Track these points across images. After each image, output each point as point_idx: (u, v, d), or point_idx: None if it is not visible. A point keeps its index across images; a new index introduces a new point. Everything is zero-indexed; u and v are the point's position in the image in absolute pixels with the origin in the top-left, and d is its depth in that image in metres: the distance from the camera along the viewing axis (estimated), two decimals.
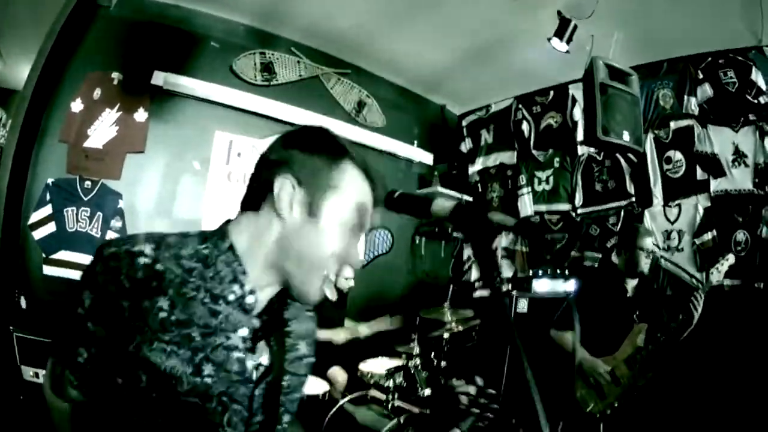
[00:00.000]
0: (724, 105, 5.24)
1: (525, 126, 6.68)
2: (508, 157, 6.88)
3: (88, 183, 4.56)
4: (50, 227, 4.38)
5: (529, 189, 6.63)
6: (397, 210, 1.37)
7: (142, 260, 1.18)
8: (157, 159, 4.88)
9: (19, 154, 4.17)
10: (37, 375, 3.48)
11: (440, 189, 6.49)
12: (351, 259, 1.32)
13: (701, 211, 5.25)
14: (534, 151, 6.62)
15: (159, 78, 4.81)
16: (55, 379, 1.29)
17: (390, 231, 6.45)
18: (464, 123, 7.34)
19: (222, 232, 1.32)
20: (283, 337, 1.42)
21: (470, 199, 6.96)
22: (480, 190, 7.02)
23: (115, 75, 4.71)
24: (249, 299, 1.27)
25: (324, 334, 4.68)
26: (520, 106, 6.81)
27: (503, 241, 6.82)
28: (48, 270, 4.39)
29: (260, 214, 1.29)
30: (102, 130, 4.62)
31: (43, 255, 4.40)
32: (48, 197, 4.41)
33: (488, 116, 7.11)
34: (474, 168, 7.09)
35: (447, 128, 7.24)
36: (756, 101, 5.02)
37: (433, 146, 6.86)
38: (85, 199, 4.54)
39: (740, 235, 4.99)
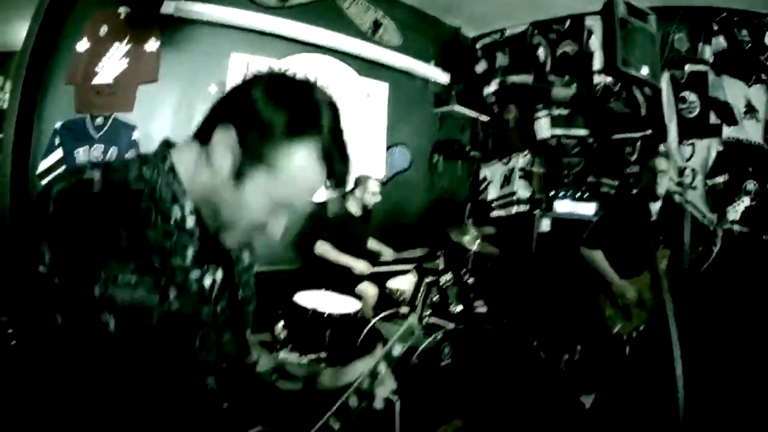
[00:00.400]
0: (738, 59, 5.36)
1: (541, 51, 6.65)
2: (524, 80, 6.78)
3: (99, 120, 4.50)
4: (61, 172, 4.18)
5: (546, 112, 6.58)
6: (517, 96, 1.33)
7: (98, 184, 1.15)
8: (171, 87, 4.79)
9: (23, 107, 4.10)
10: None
11: (457, 107, 6.55)
12: (269, 233, 1.29)
13: (714, 153, 5.41)
14: (550, 77, 6.55)
15: (170, 6, 4.69)
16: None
17: (409, 148, 6.51)
18: (479, 45, 7.28)
19: (162, 154, 1.30)
20: (227, 254, 1.44)
21: (487, 118, 7.03)
22: (496, 110, 7.02)
23: (122, 9, 4.60)
24: (189, 221, 1.26)
25: (344, 260, 4.79)
26: (536, 32, 6.78)
27: (520, 161, 6.90)
28: None
29: (202, 149, 1.26)
30: (111, 65, 4.54)
31: None
32: (57, 141, 4.33)
33: (503, 40, 7.07)
34: (489, 89, 7.06)
35: (462, 50, 7.20)
36: None
37: (448, 67, 6.84)
38: (97, 136, 4.50)
39: (750, 185, 5.16)
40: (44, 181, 4.11)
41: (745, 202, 4.31)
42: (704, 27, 5.55)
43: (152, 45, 4.65)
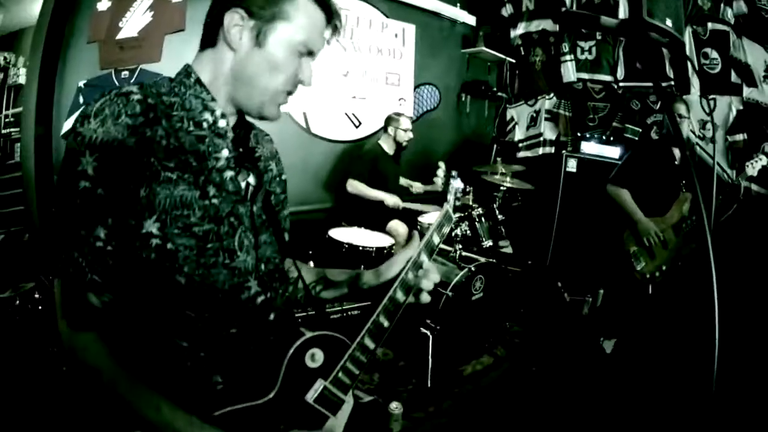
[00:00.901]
0: (758, 24, 5.41)
1: None
2: (551, 24, 6.89)
3: (125, 73, 4.42)
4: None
5: (572, 57, 6.70)
6: (568, 23, 1.49)
7: (135, 97, 1.26)
8: (199, 34, 4.62)
9: (44, 71, 4.05)
10: None
11: (485, 48, 6.60)
12: (303, 79, 1.45)
13: (734, 111, 5.53)
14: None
15: None
16: (71, 301, 1.26)
17: (438, 87, 6.55)
18: None
19: (186, 70, 1.44)
20: (256, 161, 1.59)
21: (513, 61, 7.09)
22: (522, 53, 7.06)
23: None
24: (221, 123, 1.41)
25: (376, 195, 4.89)
26: None
27: (546, 104, 7.01)
28: None
29: (216, 48, 1.42)
30: (135, 19, 4.46)
31: None
32: (81, 100, 4.23)
33: None
34: (516, 32, 7.11)
35: None
36: None
37: (475, 9, 6.85)
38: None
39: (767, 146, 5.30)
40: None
41: (763, 160, 4.36)
42: None
43: None
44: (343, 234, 4.47)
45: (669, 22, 4.18)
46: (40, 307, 3.28)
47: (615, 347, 4.54)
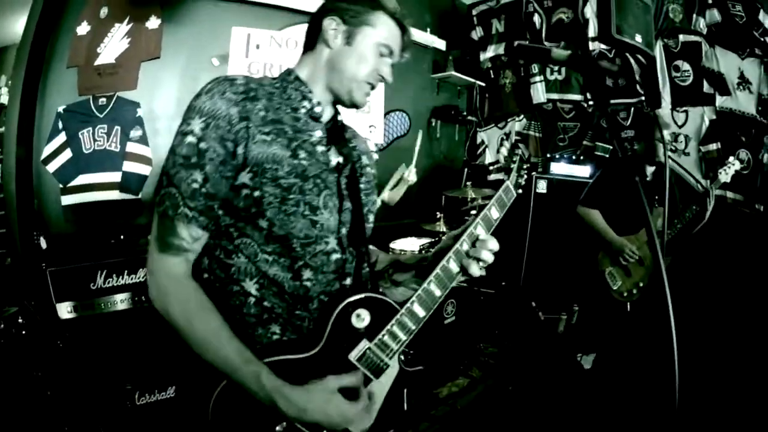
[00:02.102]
0: (731, 32, 5.54)
1: (536, 18, 6.79)
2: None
3: (102, 100, 4.52)
4: (66, 155, 4.37)
5: (542, 78, 6.81)
6: (519, 57, 1.63)
7: (239, 81, 1.58)
8: (173, 62, 4.85)
9: (26, 95, 4.16)
10: (75, 309, 3.45)
11: (454, 73, 6.71)
12: (383, 74, 1.75)
13: (707, 121, 5.66)
14: (546, 43, 6.71)
15: None
16: (163, 228, 1.51)
17: (407, 114, 6.63)
18: (474, 12, 7.40)
19: (287, 71, 1.77)
20: (349, 148, 1.83)
21: (483, 84, 7.21)
22: (492, 76, 7.18)
23: None
24: (317, 109, 1.72)
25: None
26: None
27: (516, 125, 7.15)
28: (67, 200, 4.40)
29: (315, 49, 1.76)
30: (113, 45, 4.58)
31: (60, 186, 4.36)
32: (61, 125, 4.36)
33: (499, 7, 7.22)
34: (486, 55, 7.25)
35: (458, 16, 7.37)
36: (762, 39, 5.36)
37: (445, 34, 6.96)
38: (101, 116, 4.52)
39: (743, 154, 5.37)
40: (49, 167, 4.30)
41: (736, 165, 4.40)
42: None
43: (154, 22, 4.70)
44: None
45: (639, 38, 4.23)
46: (23, 332, 3.36)
47: (594, 363, 4.61)
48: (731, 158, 4.45)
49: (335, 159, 1.74)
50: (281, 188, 1.53)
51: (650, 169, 4.43)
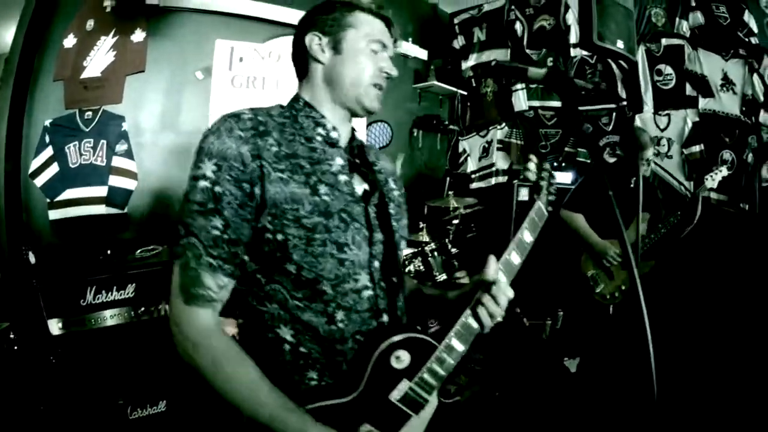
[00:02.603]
0: (715, 34, 5.61)
1: (518, 26, 6.90)
2: (502, 54, 7.07)
3: (88, 114, 4.55)
4: (53, 169, 4.38)
5: (523, 85, 6.86)
6: (497, 76, 1.69)
7: (246, 116, 1.55)
8: (158, 76, 4.93)
9: (14, 107, 4.22)
10: (66, 324, 3.45)
11: (436, 83, 6.77)
12: (385, 68, 1.72)
13: (690, 124, 5.70)
14: (527, 51, 6.84)
15: None
16: (187, 279, 1.43)
17: (389, 124, 6.66)
18: (456, 21, 7.52)
19: (295, 97, 1.75)
20: (375, 173, 1.80)
21: (465, 93, 7.27)
22: (474, 84, 7.24)
23: (108, 2, 4.70)
24: (333, 134, 1.68)
25: None
26: (513, 7, 6.99)
27: (498, 134, 7.14)
28: (54, 214, 4.40)
29: (308, 72, 1.74)
30: (99, 58, 4.62)
31: (48, 200, 4.37)
32: (48, 139, 4.38)
33: (481, 15, 7.31)
34: (467, 64, 7.31)
35: (440, 26, 7.45)
36: (747, 40, 5.43)
37: (427, 43, 7.02)
38: (87, 130, 4.55)
39: (726, 155, 5.47)
40: (36, 181, 4.33)
41: (723, 171, 4.43)
42: (682, 2, 5.78)
43: (139, 36, 4.76)
44: None
45: (620, 44, 4.25)
46: (15, 348, 3.39)
47: (579, 366, 4.68)
48: (720, 167, 4.50)
49: (360, 187, 1.69)
50: (305, 229, 1.49)
51: (632, 180, 4.48)
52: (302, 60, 1.76)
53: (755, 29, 5.47)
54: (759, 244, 5.11)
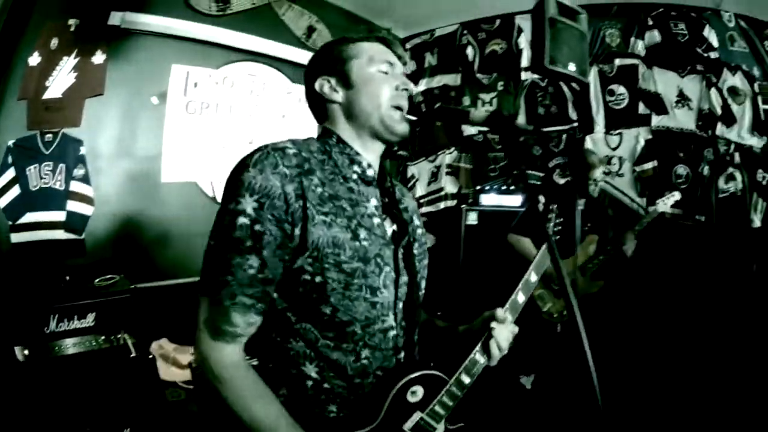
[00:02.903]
0: (672, 52, 5.79)
1: (469, 50, 7.03)
2: (452, 79, 7.23)
3: (49, 136, 4.52)
4: (14, 191, 4.33)
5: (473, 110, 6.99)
6: (439, 119, 1.79)
7: (290, 151, 1.54)
8: (116, 99, 4.91)
9: None
10: (31, 352, 3.43)
11: None
12: (403, 86, 1.75)
13: (642, 141, 5.90)
14: (478, 75, 6.97)
15: (116, 18, 4.80)
16: (216, 316, 1.46)
17: None
18: (408, 46, 7.58)
19: (325, 131, 1.77)
20: (402, 211, 1.84)
21: (414, 118, 7.34)
22: (424, 109, 7.26)
23: (72, 21, 4.63)
24: (369, 172, 1.72)
25: None
26: (465, 31, 7.13)
27: (447, 158, 7.24)
28: (16, 237, 4.36)
29: (328, 114, 1.77)
30: (61, 79, 4.57)
31: (9, 223, 4.33)
32: (10, 160, 4.33)
33: (433, 40, 7.43)
34: (418, 89, 7.32)
35: None
36: (706, 55, 5.60)
37: None
38: (47, 152, 4.53)
39: (681, 169, 5.66)
40: None
41: (676, 196, 4.67)
42: (638, 22, 5.97)
43: (99, 58, 4.75)
44: None
45: (572, 67, 4.41)
46: None
47: (535, 382, 4.79)
48: (673, 192, 4.73)
49: (390, 229, 1.73)
50: (345, 273, 1.52)
51: (581, 200, 4.64)
52: (320, 106, 1.80)
53: (716, 44, 5.67)
54: (718, 254, 5.31)
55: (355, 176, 1.69)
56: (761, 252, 5.24)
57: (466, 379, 1.74)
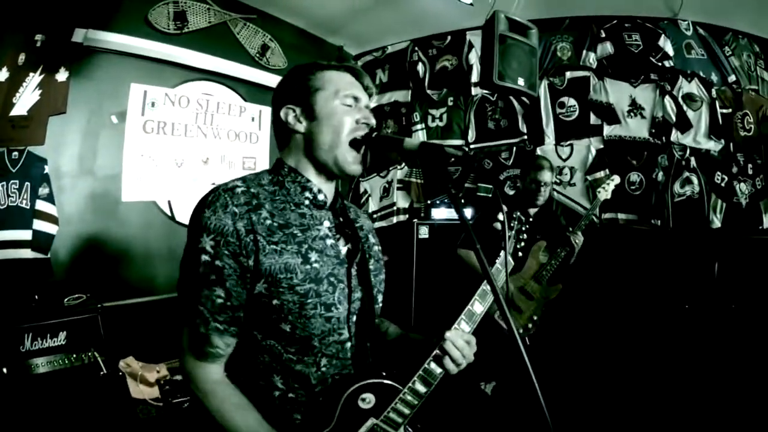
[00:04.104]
0: (624, 63, 6.08)
1: (420, 67, 7.28)
2: (403, 95, 7.50)
3: (15, 153, 4.60)
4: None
5: (423, 125, 7.27)
6: (376, 148, 1.88)
7: (239, 189, 1.70)
8: (78, 118, 5.03)
9: None
10: (8, 370, 3.59)
11: None
12: (363, 120, 1.85)
13: (593, 151, 6.17)
14: (428, 91, 7.20)
15: (79, 35, 4.92)
16: (197, 341, 1.68)
17: None
18: (360, 63, 7.78)
19: (278, 162, 1.90)
20: (356, 230, 1.96)
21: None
22: (375, 125, 7.47)
23: (39, 37, 4.74)
24: (320, 197, 1.85)
25: None
26: (417, 48, 7.36)
27: (398, 173, 7.45)
28: None
29: (290, 142, 1.89)
30: (26, 96, 4.65)
31: None
32: None
33: (384, 57, 7.68)
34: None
35: None
36: (660, 64, 5.89)
37: None
38: (14, 170, 4.59)
39: (634, 176, 5.95)
40: None
41: (615, 180, 4.88)
42: (590, 34, 6.22)
43: (62, 75, 4.86)
44: None
45: (521, 81, 4.73)
46: None
47: (494, 389, 4.91)
48: (611, 176, 4.93)
49: (344, 248, 1.87)
50: (298, 295, 1.67)
51: (532, 210, 4.80)
52: (283, 134, 1.92)
53: (671, 53, 5.97)
54: (674, 257, 5.58)
55: (307, 201, 1.83)
56: (722, 251, 5.47)
57: (422, 388, 1.83)
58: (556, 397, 4.21)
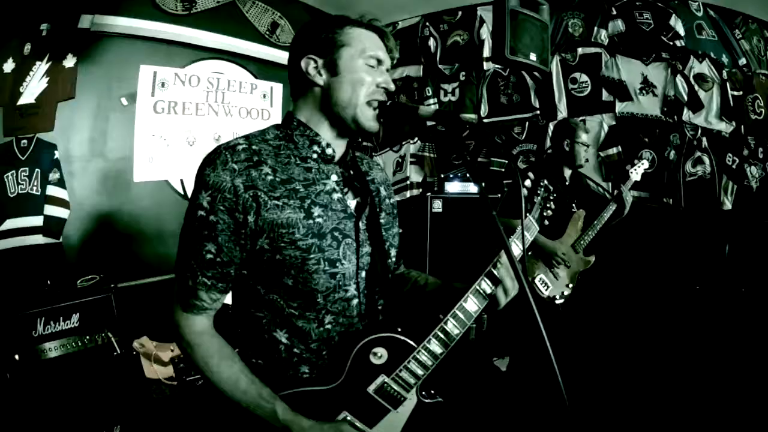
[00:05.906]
0: (636, 41, 6.09)
1: (431, 42, 7.36)
2: (414, 70, 7.55)
3: (24, 141, 4.67)
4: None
5: (435, 100, 7.30)
6: (391, 115, 1.85)
7: (240, 147, 1.68)
8: (87, 102, 5.09)
9: None
10: (20, 356, 3.60)
11: None
12: (383, 84, 1.81)
13: (606, 128, 6.22)
14: (440, 66, 7.27)
15: (86, 21, 4.97)
16: (185, 293, 1.69)
17: None
18: None
19: (288, 116, 1.86)
20: (367, 183, 1.94)
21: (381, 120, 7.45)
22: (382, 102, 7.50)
23: (44, 26, 4.80)
24: (328, 150, 1.81)
25: None
26: (428, 24, 7.40)
27: (411, 148, 7.52)
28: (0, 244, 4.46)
29: (306, 93, 1.84)
30: (33, 85, 4.72)
31: None
32: None
33: (395, 32, 7.58)
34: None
35: None
36: (671, 43, 5.91)
37: None
38: (23, 158, 4.65)
39: (646, 154, 5.96)
40: None
41: (645, 164, 4.82)
42: (602, 12, 6.24)
43: (70, 61, 4.90)
44: None
45: (533, 56, 4.83)
46: None
47: (509, 364, 4.94)
48: (642, 160, 4.87)
49: (353, 202, 1.85)
50: (300, 250, 1.66)
51: (567, 172, 4.73)
52: (301, 83, 1.86)
53: (682, 32, 6.01)
54: (687, 236, 5.63)
55: (315, 155, 1.80)
56: (733, 233, 5.53)
57: (438, 349, 1.77)
58: (570, 371, 4.45)
